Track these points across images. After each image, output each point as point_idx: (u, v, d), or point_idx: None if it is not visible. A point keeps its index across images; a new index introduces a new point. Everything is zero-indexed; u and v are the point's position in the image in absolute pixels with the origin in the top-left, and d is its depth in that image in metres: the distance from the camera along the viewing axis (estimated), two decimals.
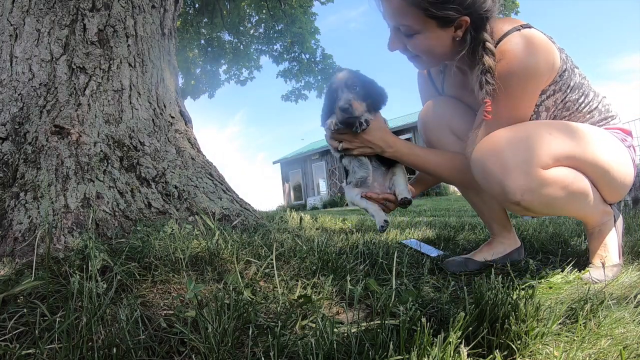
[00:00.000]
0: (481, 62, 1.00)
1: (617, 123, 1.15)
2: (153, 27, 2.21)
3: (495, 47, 1.01)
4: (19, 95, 1.67)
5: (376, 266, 1.10)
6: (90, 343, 0.57)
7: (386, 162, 1.24)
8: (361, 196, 1.22)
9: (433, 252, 1.44)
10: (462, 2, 0.96)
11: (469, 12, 0.98)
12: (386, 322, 0.63)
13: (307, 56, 8.77)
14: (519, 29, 1.01)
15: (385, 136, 1.16)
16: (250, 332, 0.62)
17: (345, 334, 0.65)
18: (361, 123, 1.10)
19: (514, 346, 0.62)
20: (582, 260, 1.26)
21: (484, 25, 1.01)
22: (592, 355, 0.63)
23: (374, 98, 1.16)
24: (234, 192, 2.12)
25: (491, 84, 1.00)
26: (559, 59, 1.04)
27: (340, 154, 1.21)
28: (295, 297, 0.78)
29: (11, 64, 1.73)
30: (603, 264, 1.09)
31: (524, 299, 0.70)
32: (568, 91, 1.09)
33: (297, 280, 0.90)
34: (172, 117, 2.21)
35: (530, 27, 1.04)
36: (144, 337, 0.61)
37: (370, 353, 0.56)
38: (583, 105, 1.11)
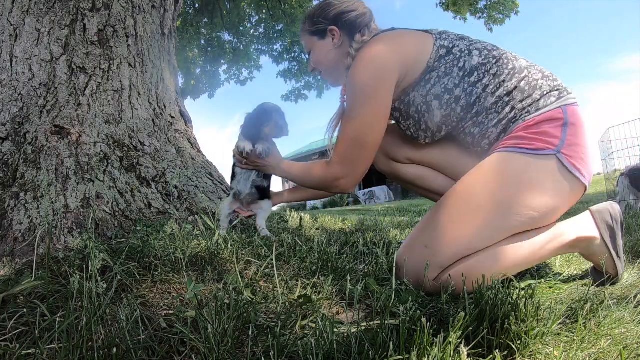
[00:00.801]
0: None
1: (549, 104, 0.96)
2: (153, 27, 2.21)
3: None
4: (19, 95, 1.67)
5: (376, 266, 1.10)
6: (90, 343, 0.57)
7: (262, 192, 1.50)
8: (233, 210, 1.49)
9: None
10: (327, 14, 1.18)
11: (336, 22, 1.17)
12: (386, 322, 0.63)
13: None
14: (374, 37, 1.11)
15: (274, 161, 1.28)
16: (250, 332, 0.62)
17: (345, 334, 0.65)
18: (261, 153, 1.28)
19: (514, 346, 0.62)
20: (582, 261, 1.26)
21: (354, 34, 1.15)
22: (592, 355, 0.63)
23: (279, 132, 1.38)
24: None
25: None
26: (395, 63, 1.04)
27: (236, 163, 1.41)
28: (295, 297, 0.78)
29: (11, 64, 1.73)
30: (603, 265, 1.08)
31: (524, 299, 0.70)
32: (461, 74, 1.03)
33: (297, 280, 0.90)
34: (172, 117, 2.21)
35: (381, 34, 1.11)
36: (144, 337, 0.61)
37: (370, 353, 0.56)
38: (492, 87, 1.00)
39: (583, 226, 1.01)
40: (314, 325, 0.70)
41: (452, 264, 0.94)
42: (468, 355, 0.57)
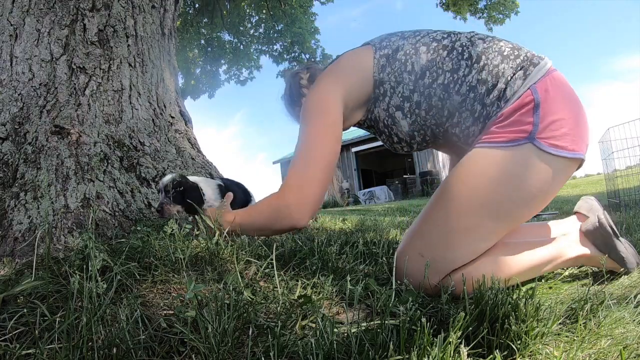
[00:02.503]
0: None
1: (516, 91, 0.88)
2: (153, 27, 2.21)
3: None
4: (19, 95, 1.67)
5: (376, 266, 1.10)
6: (90, 343, 0.57)
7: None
8: None
9: None
10: (288, 107, 1.32)
11: (293, 106, 1.28)
12: (386, 322, 0.63)
13: (307, 56, 8.77)
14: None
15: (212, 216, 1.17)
16: (250, 332, 0.62)
17: (345, 334, 0.65)
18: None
19: (514, 346, 0.62)
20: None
21: (300, 98, 1.24)
22: (592, 355, 0.63)
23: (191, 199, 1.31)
24: None
25: None
26: (343, 74, 1.06)
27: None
28: (295, 297, 0.78)
29: (11, 64, 1.73)
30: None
31: (524, 299, 0.70)
32: (413, 78, 0.98)
33: (297, 280, 0.90)
34: (172, 117, 2.21)
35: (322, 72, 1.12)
36: (144, 337, 0.61)
37: (370, 353, 0.56)
38: (453, 85, 0.94)
39: (581, 247, 1.01)
40: (314, 325, 0.70)
41: (453, 270, 0.93)
42: (468, 355, 0.57)
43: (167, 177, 1.30)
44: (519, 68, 0.90)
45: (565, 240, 1.03)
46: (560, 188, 0.94)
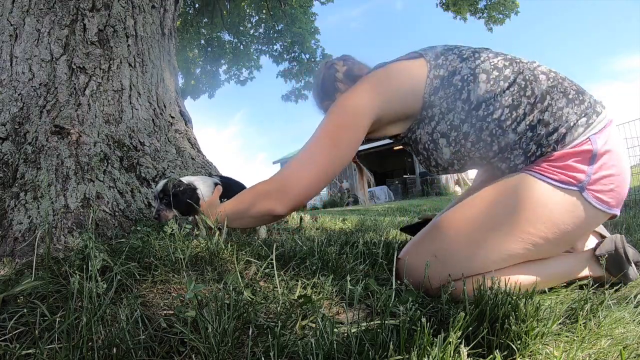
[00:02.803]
0: None
1: (575, 138, 0.87)
2: (153, 27, 2.21)
3: None
4: (19, 95, 1.67)
5: (376, 266, 1.10)
6: (90, 343, 0.57)
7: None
8: None
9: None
10: (316, 98, 1.29)
11: (322, 99, 1.25)
12: (386, 322, 0.63)
13: (307, 56, 8.77)
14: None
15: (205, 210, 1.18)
16: (250, 332, 0.62)
17: (345, 334, 0.65)
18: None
19: (514, 346, 0.62)
20: None
21: (331, 97, 1.20)
22: (592, 355, 0.63)
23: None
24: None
25: None
26: (389, 87, 0.98)
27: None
28: (295, 297, 0.78)
29: (11, 64, 1.73)
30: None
31: (524, 299, 0.70)
32: (467, 108, 0.93)
33: (297, 280, 0.90)
34: (172, 117, 2.21)
35: (382, 66, 1.03)
36: (144, 337, 0.61)
37: (370, 353, 0.56)
38: (510, 122, 0.90)
39: (590, 268, 1.00)
40: (314, 325, 0.70)
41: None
42: (468, 355, 0.57)
43: (160, 184, 1.29)
44: (582, 115, 0.88)
45: (575, 260, 1.01)
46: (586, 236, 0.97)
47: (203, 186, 1.34)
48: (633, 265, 0.98)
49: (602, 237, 1.11)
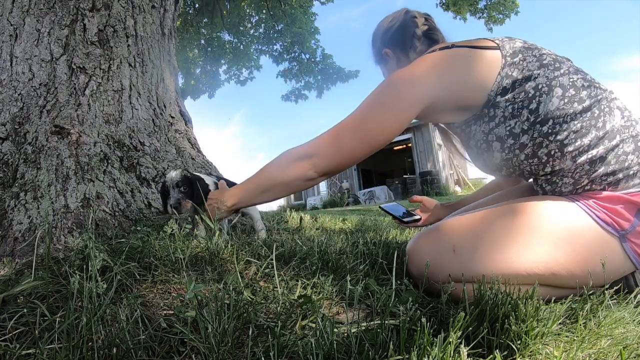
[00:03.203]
0: None
1: (629, 187, 0.83)
2: (153, 27, 2.21)
3: None
4: (19, 95, 1.67)
5: (376, 266, 1.10)
6: (90, 343, 0.57)
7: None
8: None
9: (401, 209, 1.54)
10: (376, 40, 1.22)
11: (384, 43, 1.19)
12: (386, 322, 0.63)
13: (307, 56, 8.78)
14: (434, 51, 0.98)
15: (215, 209, 1.17)
16: (250, 332, 0.62)
17: (345, 334, 0.65)
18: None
19: (514, 346, 0.62)
20: None
21: (406, 51, 1.15)
22: (592, 355, 0.63)
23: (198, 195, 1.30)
24: None
25: None
26: (455, 75, 0.91)
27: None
28: (295, 297, 0.78)
29: (11, 64, 1.73)
30: None
31: (524, 299, 0.70)
32: (532, 119, 0.86)
33: (297, 280, 0.90)
34: (172, 117, 2.21)
35: (450, 47, 0.95)
36: (144, 337, 0.61)
37: (370, 353, 0.56)
38: (572, 148, 0.84)
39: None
40: (314, 325, 0.70)
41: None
42: (468, 355, 0.57)
43: (176, 173, 1.28)
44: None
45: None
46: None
47: (208, 180, 1.36)
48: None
49: None
